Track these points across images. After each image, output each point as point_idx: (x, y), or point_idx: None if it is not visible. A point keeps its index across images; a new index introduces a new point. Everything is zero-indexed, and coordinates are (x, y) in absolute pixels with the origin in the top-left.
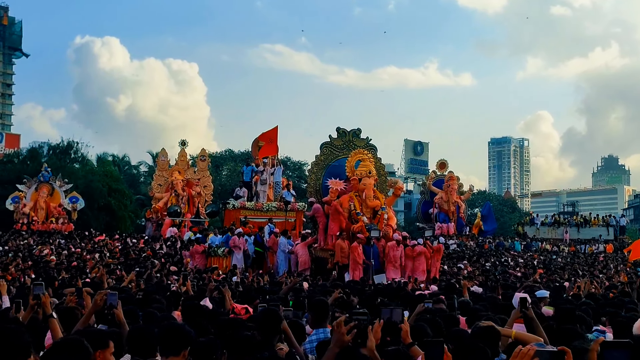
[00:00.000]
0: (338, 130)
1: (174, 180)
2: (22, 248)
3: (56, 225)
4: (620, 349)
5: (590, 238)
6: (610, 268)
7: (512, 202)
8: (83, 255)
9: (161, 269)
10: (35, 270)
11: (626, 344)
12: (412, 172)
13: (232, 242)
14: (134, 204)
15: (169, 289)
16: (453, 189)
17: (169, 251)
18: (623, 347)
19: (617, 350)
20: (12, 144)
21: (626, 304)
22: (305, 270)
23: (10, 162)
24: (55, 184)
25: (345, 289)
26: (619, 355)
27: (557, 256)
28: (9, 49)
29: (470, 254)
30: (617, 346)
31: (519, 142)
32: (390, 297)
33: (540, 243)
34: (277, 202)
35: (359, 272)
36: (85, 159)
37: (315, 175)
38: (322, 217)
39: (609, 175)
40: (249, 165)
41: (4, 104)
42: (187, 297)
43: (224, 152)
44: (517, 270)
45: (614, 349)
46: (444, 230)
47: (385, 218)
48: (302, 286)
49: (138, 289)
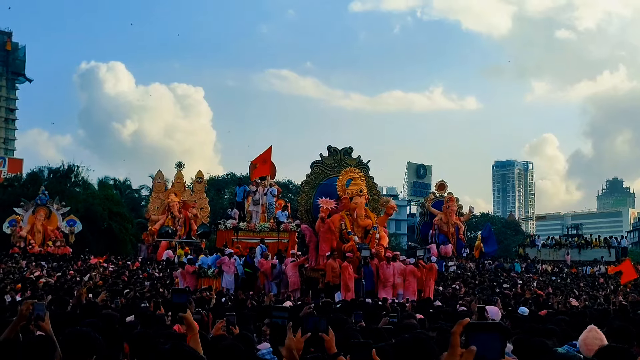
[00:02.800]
0: (329, 148)
1: (170, 202)
2: (14, 270)
3: (53, 248)
4: (488, 332)
5: (592, 260)
6: (610, 288)
7: (516, 224)
8: (75, 278)
9: (150, 291)
10: (22, 291)
11: (494, 326)
12: (415, 195)
13: (219, 262)
14: (135, 227)
15: (143, 310)
16: (452, 210)
17: (161, 274)
18: (490, 329)
19: (484, 333)
20: (15, 169)
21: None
22: (295, 290)
23: (11, 186)
24: (52, 207)
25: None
26: (486, 338)
27: (557, 277)
28: (12, 74)
29: (469, 275)
30: (484, 329)
31: (523, 165)
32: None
33: (541, 264)
34: (270, 223)
35: (351, 292)
36: (86, 183)
37: (306, 194)
38: (312, 237)
39: (614, 198)
40: (242, 186)
41: (7, 129)
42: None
43: (226, 176)
44: (514, 290)
45: (481, 332)
46: (442, 251)
47: (377, 237)
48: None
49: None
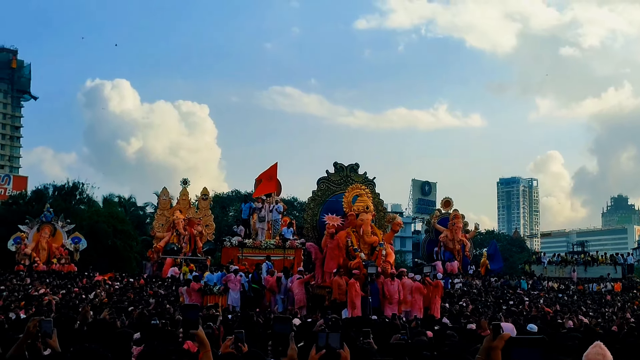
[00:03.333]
0: (335, 165)
1: (175, 219)
2: (18, 287)
3: (58, 266)
4: (530, 347)
5: (598, 277)
6: (617, 305)
7: (521, 241)
8: (80, 295)
9: (156, 308)
10: (26, 307)
11: (537, 341)
12: (420, 212)
13: (225, 279)
14: (140, 245)
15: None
16: (458, 227)
17: (166, 292)
18: (533, 344)
19: (526, 348)
20: (20, 186)
21: None
22: (301, 308)
23: (16, 204)
24: (57, 224)
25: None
26: (527, 353)
27: (563, 294)
28: (17, 92)
29: (475, 292)
30: (526, 344)
31: (528, 182)
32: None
33: (547, 282)
34: (276, 240)
35: (357, 310)
36: (91, 200)
37: (312, 211)
38: (317, 255)
39: (619, 215)
40: (247, 203)
41: (12, 147)
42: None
43: (231, 193)
44: (521, 308)
45: (523, 347)
46: (448, 269)
47: (384, 254)
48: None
49: None
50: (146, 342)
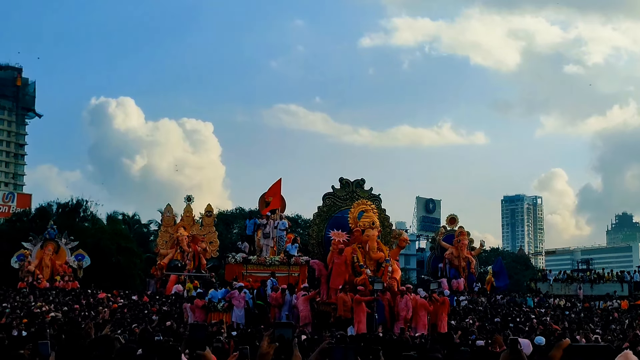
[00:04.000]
0: (341, 180)
1: (179, 236)
2: (21, 305)
3: (62, 283)
4: (591, 357)
5: (604, 294)
6: (625, 323)
7: (526, 259)
8: (83, 312)
9: (159, 325)
10: (28, 325)
11: (600, 350)
12: (424, 230)
13: (229, 296)
14: (144, 262)
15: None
16: (463, 244)
17: (170, 309)
18: (594, 354)
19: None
20: (24, 204)
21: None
22: (306, 325)
23: (20, 221)
24: (61, 241)
25: None
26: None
27: (570, 312)
28: (22, 110)
29: (481, 309)
30: (587, 353)
31: (532, 200)
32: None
33: (553, 299)
34: (280, 256)
35: (363, 326)
36: (95, 218)
37: (317, 227)
38: (322, 271)
39: (624, 233)
40: (252, 219)
41: (16, 164)
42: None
43: (235, 210)
44: (528, 325)
45: (583, 357)
46: (454, 286)
47: (390, 270)
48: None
49: None
50: (147, 358)
